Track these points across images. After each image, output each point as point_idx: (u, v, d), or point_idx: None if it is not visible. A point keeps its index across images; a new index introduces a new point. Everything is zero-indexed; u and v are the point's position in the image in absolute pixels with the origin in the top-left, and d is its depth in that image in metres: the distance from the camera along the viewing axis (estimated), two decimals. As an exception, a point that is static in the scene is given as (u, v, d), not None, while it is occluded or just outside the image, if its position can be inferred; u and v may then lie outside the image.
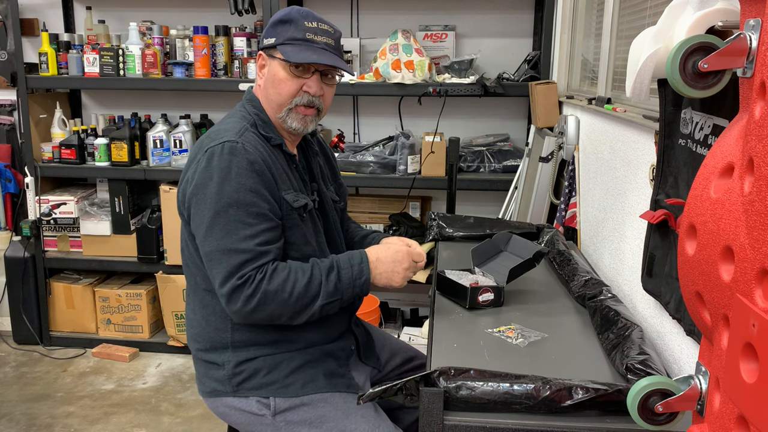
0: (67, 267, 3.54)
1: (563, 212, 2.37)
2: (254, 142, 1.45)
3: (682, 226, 0.84)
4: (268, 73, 1.52)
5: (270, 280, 1.38)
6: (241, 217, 1.38)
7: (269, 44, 1.51)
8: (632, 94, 1.23)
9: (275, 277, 1.39)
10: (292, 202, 1.48)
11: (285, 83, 1.49)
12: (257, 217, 1.40)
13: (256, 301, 1.37)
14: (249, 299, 1.37)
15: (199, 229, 1.42)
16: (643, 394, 0.89)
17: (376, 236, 1.76)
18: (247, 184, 1.39)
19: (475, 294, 1.58)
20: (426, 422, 1.12)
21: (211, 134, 1.48)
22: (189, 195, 1.44)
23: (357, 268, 1.47)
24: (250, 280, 1.37)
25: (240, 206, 1.38)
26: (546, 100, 2.77)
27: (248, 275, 1.37)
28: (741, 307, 0.70)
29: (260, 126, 1.51)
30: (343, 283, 1.44)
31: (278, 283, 1.39)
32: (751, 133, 0.70)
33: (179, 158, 3.25)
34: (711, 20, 1.06)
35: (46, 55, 3.24)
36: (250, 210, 1.39)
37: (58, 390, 3.05)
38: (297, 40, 1.47)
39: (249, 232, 1.38)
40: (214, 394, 1.54)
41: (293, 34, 1.48)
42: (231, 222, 1.38)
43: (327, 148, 1.77)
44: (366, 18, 3.44)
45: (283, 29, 1.49)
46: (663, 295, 1.38)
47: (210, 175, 1.40)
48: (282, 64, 1.49)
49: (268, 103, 1.54)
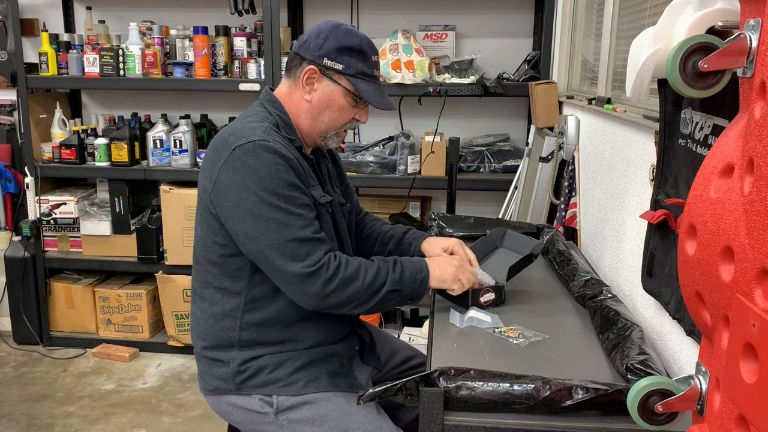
0: (67, 267, 3.54)
1: (563, 212, 2.37)
2: (282, 142, 1.47)
3: (682, 226, 0.84)
4: (324, 95, 1.52)
5: (346, 267, 1.43)
6: (291, 209, 1.41)
7: (334, 68, 1.50)
8: (632, 94, 1.23)
9: (350, 265, 1.44)
10: (319, 198, 1.51)
11: (345, 112, 1.54)
12: (304, 208, 1.44)
13: (335, 285, 1.41)
14: (328, 283, 1.41)
15: (249, 227, 1.41)
16: (643, 394, 0.89)
17: (414, 241, 1.75)
18: (287, 179, 1.42)
19: (476, 295, 1.57)
20: (426, 422, 1.12)
21: (235, 132, 1.47)
22: (229, 194, 1.43)
23: (417, 264, 1.52)
24: (326, 265, 1.41)
25: (287, 200, 1.41)
26: (546, 100, 2.77)
27: (323, 260, 1.41)
28: (741, 307, 0.70)
29: (282, 128, 1.52)
30: (406, 275, 1.49)
31: (353, 271, 1.44)
32: (751, 133, 0.70)
33: (179, 158, 3.25)
34: (711, 20, 1.06)
35: (46, 55, 3.24)
36: (297, 202, 1.42)
37: (58, 390, 3.05)
38: (367, 75, 1.52)
39: (303, 222, 1.42)
40: (217, 392, 1.54)
41: (363, 69, 1.51)
42: (283, 215, 1.40)
43: (333, 150, 1.77)
44: (366, 18, 3.44)
45: (353, 60, 1.50)
46: (663, 295, 1.38)
47: (248, 173, 1.40)
48: (344, 92, 1.51)
49: (314, 122, 1.55)
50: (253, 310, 1.50)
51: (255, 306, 1.50)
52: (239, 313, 1.51)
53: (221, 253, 1.49)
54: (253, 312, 1.50)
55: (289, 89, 1.56)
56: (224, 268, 1.50)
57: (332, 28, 1.51)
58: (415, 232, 1.78)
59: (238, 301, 1.50)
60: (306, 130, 1.56)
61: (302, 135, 1.57)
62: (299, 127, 1.56)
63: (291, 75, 1.56)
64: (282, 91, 1.58)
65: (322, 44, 1.50)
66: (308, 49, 1.51)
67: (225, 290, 1.51)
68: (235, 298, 1.51)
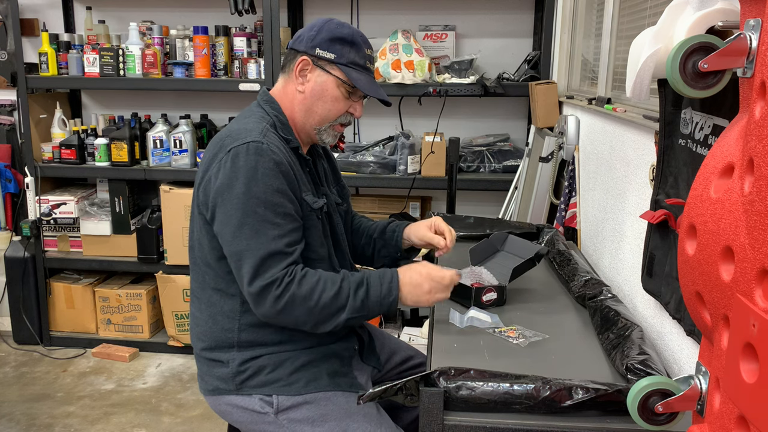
0: (67, 267, 3.54)
1: (563, 212, 2.37)
2: (277, 143, 1.46)
3: (682, 226, 0.84)
4: (317, 85, 1.52)
5: (299, 285, 1.39)
6: (269, 217, 1.39)
7: (326, 57, 1.50)
8: (632, 94, 1.23)
9: (304, 283, 1.39)
10: (312, 203, 1.50)
11: (338, 102, 1.53)
12: (285, 218, 1.41)
13: (284, 304, 1.38)
14: (277, 300, 1.38)
15: (226, 229, 1.41)
16: (643, 394, 0.89)
17: (397, 228, 1.75)
18: (274, 184, 1.40)
19: (479, 294, 1.58)
20: (426, 422, 1.12)
21: (231, 134, 1.47)
22: (214, 194, 1.43)
23: (386, 286, 1.44)
24: (278, 281, 1.38)
25: (268, 206, 1.39)
26: (546, 100, 2.77)
27: (277, 276, 1.38)
28: (741, 307, 0.70)
29: (279, 128, 1.52)
30: (371, 300, 1.43)
31: (306, 290, 1.39)
32: (751, 133, 0.70)
33: (179, 158, 3.25)
34: (711, 20, 1.06)
35: (46, 55, 3.24)
36: (278, 210, 1.40)
37: (58, 390, 3.05)
38: (359, 66, 1.51)
39: (277, 232, 1.40)
40: (217, 392, 1.54)
41: (355, 59, 1.51)
42: (260, 222, 1.39)
43: (329, 150, 1.78)
44: (366, 18, 3.44)
45: (345, 50, 1.50)
46: (663, 295, 1.38)
47: (236, 175, 1.40)
48: (337, 82, 1.51)
49: (308, 114, 1.54)
50: (251, 311, 1.50)
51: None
52: (237, 314, 1.50)
53: (217, 255, 1.49)
54: (251, 313, 1.50)
55: (284, 84, 1.56)
56: (220, 269, 1.50)
57: (325, 21, 1.53)
58: (398, 222, 1.79)
59: (236, 302, 1.50)
60: (301, 124, 1.55)
61: (297, 131, 1.56)
62: (295, 124, 1.55)
63: (285, 70, 1.57)
64: (278, 88, 1.58)
65: (314, 36, 1.51)
66: (301, 42, 1.52)
67: (222, 291, 1.51)
68: (233, 300, 1.50)
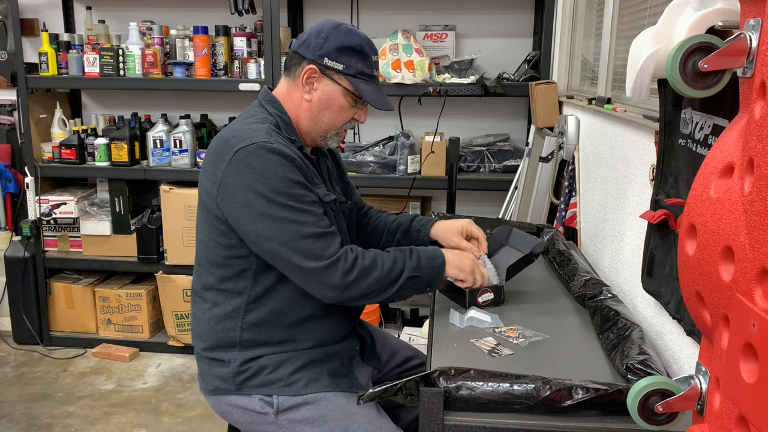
0: (67, 267, 3.54)
1: (563, 212, 2.37)
2: (283, 142, 1.47)
3: (682, 226, 0.84)
4: (324, 95, 1.52)
5: (363, 258, 1.44)
6: (300, 206, 1.42)
7: (334, 68, 1.49)
8: (632, 94, 1.23)
9: (367, 256, 1.45)
10: (323, 196, 1.51)
11: (344, 111, 1.54)
12: (313, 205, 1.45)
13: (355, 276, 1.42)
14: (348, 273, 1.41)
15: (255, 227, 1.41)
16: (643, 394, 0.89)
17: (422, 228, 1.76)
18: (293, 177, 1.42)
19: (474, 295, 1.57)
20: (426, 422, 1.12)
21: (236, 134, 1.46)
22: (227, 197, 1.42)
23: (431, 250, 1.54)
24: (343, 257, 1.42)
25: (296, 198, 1.42)
26: (546, 100, 2.77)
27: (338, 253, 1.42)
28: (741, 307, 0.70)
29: (283, 128, 1.52)
30: (423, 261, 1.50)
31: (370, 261, 1.45)
32: (751, 133, 0.70)
33: (179, 158, 3.25)
34: (711, 20, 1.06)
35: (46, 55, 3.24)
36: (305, 199, 1.43)
37: (58, 390, 3.05)
38: (367, 76, 1.52)
39: (314, 218, 1.43)
40: (217, 392, 1.54)
41: (363, 69, 1.51)
42: (294, 213, 1.40)
43: (333, 148, 1.77)
44: (366, 18, 3.43)
45: (353, 60, 1.50)
46: (663, 295, 1.38)
47: (253, 175, 1.40)
48: (344, 92, 1.51)
49: (314, 122, 1.55)
50: (255, 309, 1.50)
51: (257, 305, 1.50)
52: (241, 313, 1.50)
53: (227, 255, 1.49)
54: (254, 311, 1.50)
55: (289, 89, 1.56)
56: (228, 269, 1.50)
57: (333, 27, 1.50)
58: (422, 218, 1.79)
59: (240, 301, 1.50)
60: (306, 129, 1.56)
61: (302, 135, 1.57)
62: (299, 127, 1.56)
63: (290, 74, 1.55)
64: (281, 90, 1.57)
65: (322, 44, 1.49)
66: (308, 49, 1.51)
67: (227, 291, 1.51)
68: (238, 298, 1.50)
